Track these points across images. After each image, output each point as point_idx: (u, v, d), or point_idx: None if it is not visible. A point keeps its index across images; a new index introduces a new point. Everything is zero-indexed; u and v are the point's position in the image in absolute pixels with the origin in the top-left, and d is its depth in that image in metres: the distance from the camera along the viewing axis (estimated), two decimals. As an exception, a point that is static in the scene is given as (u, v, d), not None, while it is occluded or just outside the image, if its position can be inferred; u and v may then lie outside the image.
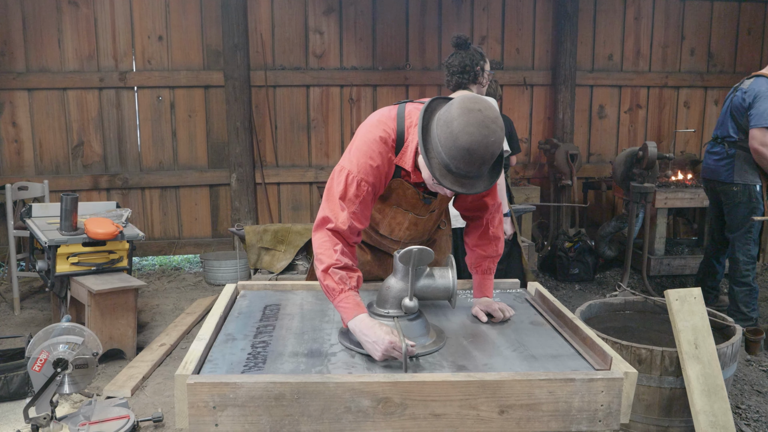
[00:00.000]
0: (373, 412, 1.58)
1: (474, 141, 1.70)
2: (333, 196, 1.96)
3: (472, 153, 1.72)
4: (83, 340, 2.92)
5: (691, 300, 2.92)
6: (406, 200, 2.14)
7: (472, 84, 3.53)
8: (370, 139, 1.98)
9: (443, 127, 1.75)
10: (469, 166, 1.74)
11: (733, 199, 4.17)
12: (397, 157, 2.00)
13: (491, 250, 2.22)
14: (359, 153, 1.97)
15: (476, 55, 3.50)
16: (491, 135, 1.72)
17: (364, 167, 1.95)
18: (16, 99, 5.91)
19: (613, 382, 1.62)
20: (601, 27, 6.70)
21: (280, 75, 6.22)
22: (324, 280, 1.89)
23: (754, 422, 3.19)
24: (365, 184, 1.95)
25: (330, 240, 1.93)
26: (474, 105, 1.74)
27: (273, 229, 4.80)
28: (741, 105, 4.04)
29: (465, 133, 1.71)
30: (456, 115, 1.73)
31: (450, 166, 1.76)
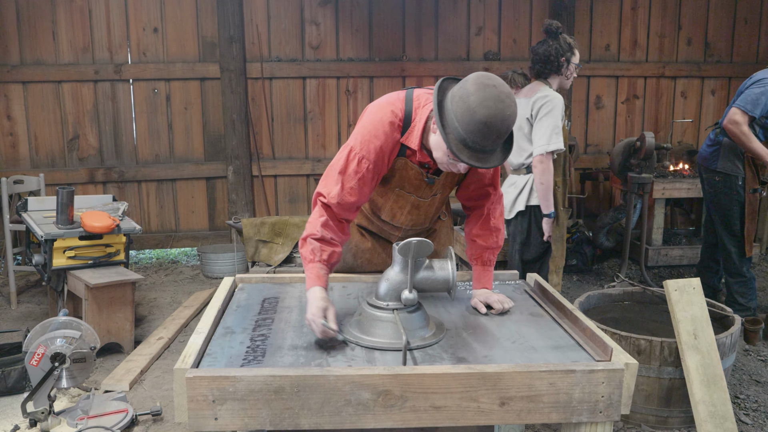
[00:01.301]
0: (373, 405, 1.57)
1: (491, 114, 1.76)
2: (332, 171, 2.05)
3: (490, 126, 1.77)
4: (81, 334, 2.91)
5: (690, 290, 2.92)
6: (408, 181, 2.17)
7: (554, 75, 3.53)
8: (377, 118, 2.04)
9: (459, 102, 1.80)
10: (486, 139, 1.80)
11: (714, 187, 4.14)
12: (403, 136, 2.05)
13: (492, 242, 2.23)
14: (364, 131, 2.04)
15: (564, 46, 3.47)
16: (506, 109, 1.78)
17: (367, 145, 2.01)
18: (10, 92, 5.86)
19: (614, 373, 1.62)
20: (597, 17, 6.67)
21: (276, 67, 6.19)
22: (301, 247, 2.03)
23: (753, 411, 3.20)
24: (366, 161, 2.01)
25: (318, 212, 2.03)
26: (489, 81, 1.80)
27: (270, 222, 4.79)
28: (742, 90, 4.00)
29: (482, 107, 1.76)
30: (472, 90, 1.79)
31: (467, 141, 1.81)
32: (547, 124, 3.38)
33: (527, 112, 3.47)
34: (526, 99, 3.51)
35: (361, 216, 2.45)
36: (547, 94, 3.43)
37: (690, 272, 5.59)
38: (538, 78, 3.56)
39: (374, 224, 2.43)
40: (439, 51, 6.48)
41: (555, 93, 3.46)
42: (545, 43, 3.49)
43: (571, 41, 3.51)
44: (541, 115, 3.40)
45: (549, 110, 3.39)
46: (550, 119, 3.38)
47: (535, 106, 3.44)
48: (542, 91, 3.46)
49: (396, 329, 1.80)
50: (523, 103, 3.50)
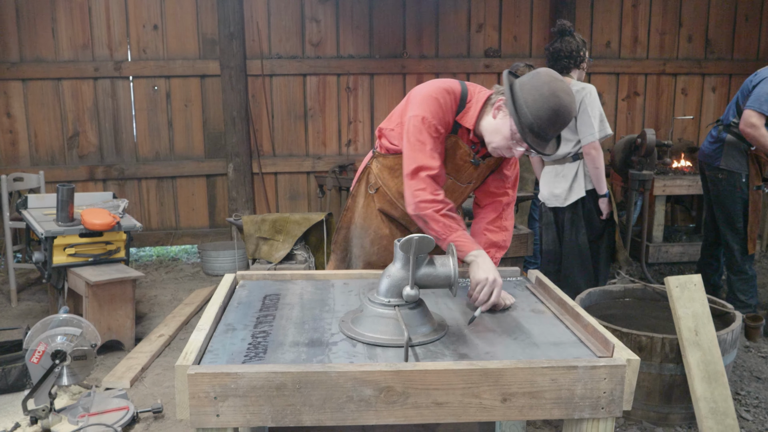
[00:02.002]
0: (375, 401, 1.57)
1: (561, 104, 1.96)
2: (420, 144, 2.12)
3: (559, 115, 1.97)
4: (81, 332, 2.91)
5: (691, 287, 2.92)
6: (453, 162, 2.26)
7: (575, 69, 3.79)
8: (438, 88, 2.17)
9: (532, 90, 1.98)
10: (551, 126, 1.99)
11: (718, 185, 4.13)
12: (458, 115, 2.18)
13: (500, 239, 2.35)
14: (430, 101, 2.14)
15: (580, 42, 3.76)
16: (572, 104, 2.00)
17: (436, 114, 2.13)
18: (10, 89, 5.86)
19: (616, 369, 1.61)
20: (598, 14, 6.67)
21: (276, 64, 6.18)
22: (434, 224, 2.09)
23: (754, 408, 3.20)
24: (441, 127, 2.14)
25: (431, 186, 2.11)
26: (558, 76, 2.01)
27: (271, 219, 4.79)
28: (747, 88, 3.96)
29: (554, 96, 1.95)
30: (546, 80, 1.98)
31: (533, 126, 1.99)
32: (593, 112, 3.65)
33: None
34: None
35: (384, 201, 2.47)
36: (583, 86, 3.70)
37: (690, 269, 5.58)
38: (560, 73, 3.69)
39: (398, 209, 2.46)
40: (439, 48, 6.47)
41: (588, 84, 3.72)
42: (563, 40, 3.73)
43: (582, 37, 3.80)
44: (585, 106, 3.65)
45: (591, 100, 3.67)
46: (594, 108, 3.66)
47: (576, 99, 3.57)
48: (576, 84, 3.72)
49: (398, 325, 1.79)
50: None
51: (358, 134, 6.47)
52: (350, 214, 2.59)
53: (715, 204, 4.20)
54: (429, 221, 2.11)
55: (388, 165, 2.41)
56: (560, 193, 3.86)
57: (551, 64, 3.80)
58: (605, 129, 3.69)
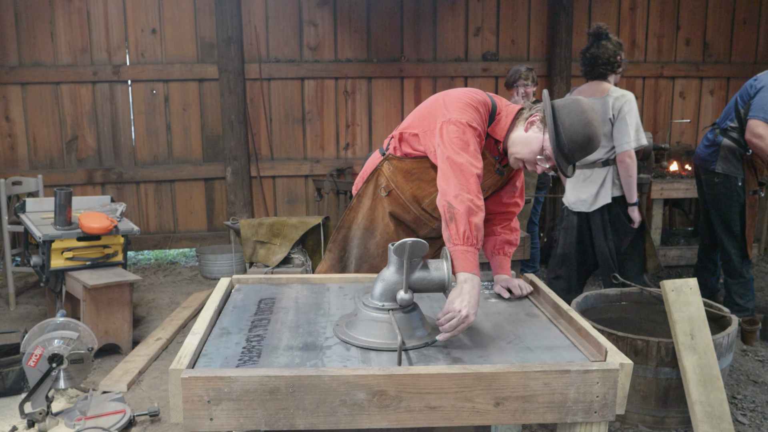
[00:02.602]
0: (368, 405, 1.57)
1: (595, 135, 2.08)
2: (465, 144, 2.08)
3: (591, 142, 2.09)
4: (78, 335, 2.91)
5: (687, 291, 2.93)
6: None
7: (611, 74, 3.78)
8: (476, 99, 2.21)
9: (570, 114, 2.08)
10: (580, 151, 2.10)
11: (714, 189, 4.12)
12: (490, 127, 2.24)
13: (512, 237, 2.45)
14: (471, 108, 2.17)
15: (617, 46, 3.74)
16: (601, 136, 2.12)
17: (477, 120, 2.17)
18: (9, 93, 5.87)
19: (609, 373, 1.62)
20: (596, 17, 6.68)
21: (274, 68, 6.19)
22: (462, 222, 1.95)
23: (750, 412, 3.20)
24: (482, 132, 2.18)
25: (476, 186, 2.03)
26: (594, 107, 2.13)
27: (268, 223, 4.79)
28: (747, 92, 3.95)
29: (591, 125, 2.07)
30: (585, 109, 2.09)
31: (565, 147, 2.08)
32: (631, 121, 3.65)
33: (607, 111, 3.68)
34: (599, 99, 3.72)
35: (396, 204, 2.48)
36: (623, 93, 3.69)
37: (688, 273, 5.59)
38: (598, 78, 3.78)
39: (411, 213, 2.48)
40: (437, 52, 6.48)
41: (627, 91, 3.72)
42: (599, 45, 3.72)
43: (618, 40, 3.76)
44: (624, 113, 3.65)
45: (630, 108, 3.66)
46: (632, 116, 3.65)
47: (615, 105, 3.68)
48: (616, 91, 3.71)
49: (391, 329, 1.80)
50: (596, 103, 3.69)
51: (356, 138, 6.48)
52: (353, 215, 2.58)
53: (712, 208, 4.20)
54: (456, 218, 1.95)
55: (405, 168, 2.40)
56: (586, 198, 3.86)
57: (588, 70, 3.79)
58: (641, 139, 3.68)
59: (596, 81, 3.80)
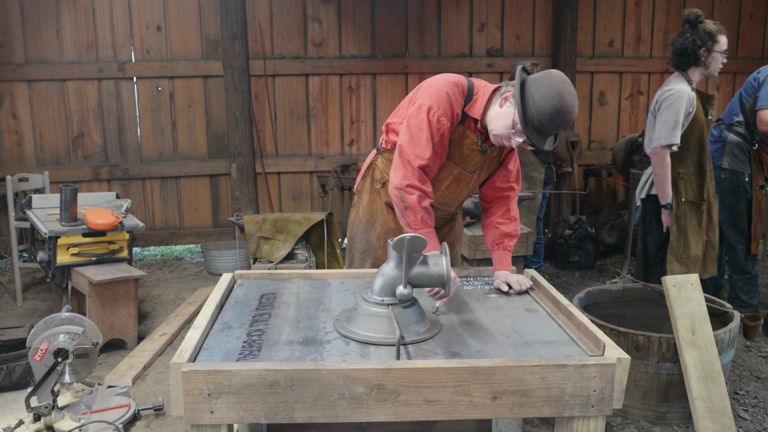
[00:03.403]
0: (366, 399, 1.59)
1: (564, 105, 2.06)
2: (418, 131, 2.22)
3: (560, 114, 2.06)
4: (83, 330, 2.94)
5: (689, 286, 2.93)
6: (461, 152, 2.34)
7: (694, 66, 3.56)
8: (447, 82, 2.26)
9: (540, 87, 2.09)
10: (551, 123, 2.08)
11: (720, 185, 4.08)
12: (466, 107, 2.28)
13: (512, 229, 2.45)
14: (438, 93, 2.23)
15: (704, 36, 3.51)
16: (575, 106, 2.09)
17: (443, 104, 2.22)
18: (15, 90, 5.91)
19: (606, 368, 1.63)
20: (601, 13, 6.66)
21: (279, 64, 6.21)
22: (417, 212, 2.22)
23: (753, 408, 3.20)
24: (445, 118, 2.23)
25: (421, 177, 2.22)
26: (567, 80, 2.11)
27: (272, 219, 4.81)
28: (751, 85, 3.93)
29: (559, 96, 2.05)
30: (555, 81, 2.08)
31: (535, 120, 2.09)
32: (666, 117, 3.48)
33: (653, 104, 3.58)
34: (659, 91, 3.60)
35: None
36: (671, 88, 3.51)
37: (693, 268, 5.57)
38: (678, 69, 3.61)
39: None
40: (441, 48, 6.48)
41: (681, 86, 3.50)
42: (683, 35, 3.56)
43: (712, 29, 3.53)
44: (662, 109, 3.50)
45: (669, 104, 3.47)
46: (670, 113, 3.46)
47: (659, 99, 3.54)
48: (669, 84, 3.56)
49: (391, 324, 1.81)
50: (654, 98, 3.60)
51: (361, 134, 6.49)
52: (356, 211, 2.68)
53: (719, 204, 4.18)
54: (410, 207, 2.22)
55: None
56: (640, 186, 3.81)
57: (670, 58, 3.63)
58: (671, 138, 3.46)
59: (677, 72, 3.61)
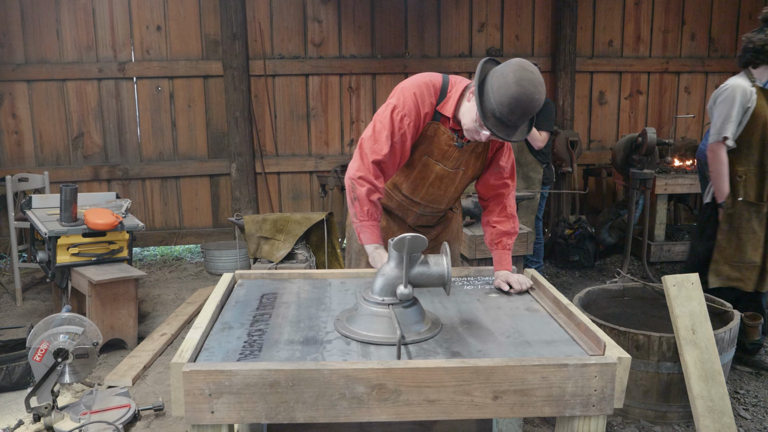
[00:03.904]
0: (367, 399, 1.59)
1: (522, 93, 2.00)
2: (376, 130, 2.27)
3: (518, 102, 2.01)
4: (83, 330, 2.94)
5: (689, 285, 2.93)
6: (438, 147, 2.36)
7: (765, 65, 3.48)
8: (417, 82, 2.29)
9: (498, 77, 2.05)
10: (512, 113, 2.03)
11: None
12: (439, 105, 2.30)
13: (509, 227, 2.45)
14: (406, 92, 2.27)
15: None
16: (536, 93, 2.02)
17: (408, 104, 2.25)
18: (15, 90, 5.91)
19: (607, 368, 1.63)
20: (601, 13, 6.66)
21: (278, 64, 6.21)
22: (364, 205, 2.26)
23: (753, 407, 3.20)
24: (408, 118, 2.25)
25: (374, 171, 2.26)
26: (528, 67, 2.05)
27: (272, 219, 4.81)
28: None
29: (517, 84, 2.00)
30: (513, 69, 2.03)
31: (495, 111, 2.05)
32: (719, 112, 3.45)
33: (711, 102, 3.53)
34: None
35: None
36: (726, 84, 3.49)
37: (693, 268, 5.57)
38: (746, 67, 3.54)
39: (393, 200, 2.59)
40: (441, 48, 6.48)
41: (738, 81, 3.47)
42: (762, 31, 3.47)
43: None
44: (716, 104, 3.47)
45: (723, 99, 3.44)
46: (723, 107, 3.43)
47: (714, 97, 3.51)
48: (728, 82, 3.51)
49: (391, 324, 1.81)
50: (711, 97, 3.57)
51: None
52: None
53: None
54: (359, 198, 2.27)
55: None
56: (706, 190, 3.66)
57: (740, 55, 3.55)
58: (722, 131, 3.42)
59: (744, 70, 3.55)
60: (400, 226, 2.65)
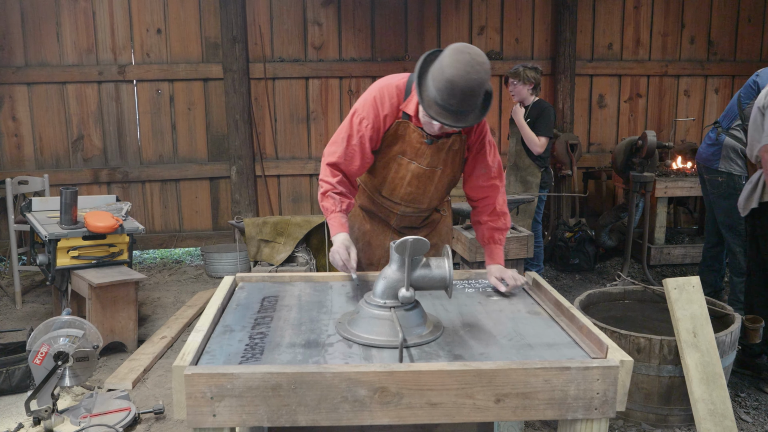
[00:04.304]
0: (369, 402, 1.58)
1: (457, 75, 1.95)
2: (338, 134, 2.35)
3: (455, 85, 1.96)
4: (84, 333, 2.93)
5: (690, 289, 2.93)
6: (410, 145, 2.37)
7: None
8: (379, 86, 2.34)
9: (435, 64, 2.04)
10: (452, 98, 1.99)
11: (718, 189, 4.08)
12: (404, 104, 2.33)
13: (501, 224, 2.48)
14: (367, 96, 2.33)
15: None
16: (473, 73, 1.96)
17: (367, 107, 2.30)
18: (15, 93, 5.91)
19: (609, 370, 1.63)
20: (600, 16, 6.67)
21: (279, 67, 6.21)
22: (322, 201, 2.34)
23: (754, 410, 3.20)
24: (366, 120, 2.29)
25: (330, 172, 2.34)
26: (464, 48, 2.00)
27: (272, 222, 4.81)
28: (750, 88, 3.88)
29: (451, 67, 1.96)
30: (447, 54, 2.00)
31: (437, 99, 2.02)
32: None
33: (761, 101, 3.33)
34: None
35: (363, 196, 2.64)
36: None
37: (692, 271, 5.58)
38: None
39: (375, 203, 2.61)
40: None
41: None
42: None
43: None
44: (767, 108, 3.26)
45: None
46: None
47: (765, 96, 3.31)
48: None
49: (393, 327, 1.81)
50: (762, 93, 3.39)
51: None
52: None
53: (716, 207, 4.19)
54: (322, 196, 2.35)
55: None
56: (741, 200, 3.40)
57: None
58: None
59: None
60: (384, 228, 2.66)
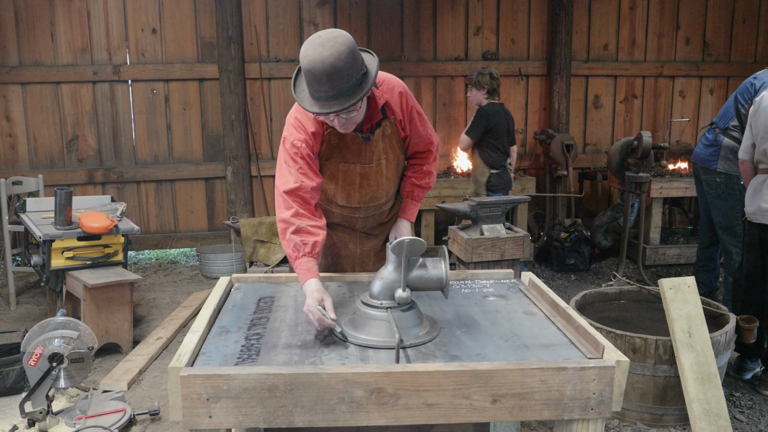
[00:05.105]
0: (366, 403, 1.58)
1: (310, 60, 1.93)
2: (280, 164, 2.26)
3: (313, 70, 1.94)
4: (78, 334, 2.92)
5: (685, 289, 2.93)
6: (348, 150, 2.33)
7: None
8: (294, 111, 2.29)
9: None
10: (318, 83, 1.96)
11: (716, 189, 4.09)
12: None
13: (424, 182, 2.55)
14: (288, 122, 2.28)
15: None
16: (325, 51, 1.93)
17: (292, 130, 2.24)
18: (9, 93, 5.88)
19: (605, 371, 1.63)
20: (596, 17, 6.69)
21: (274, 67, 6.20)
22: (284, 248, 2.17)
23: (748, 410, 3.21)
24: (298, 140, 2.22)
25: (284, 205, 2.19)
26: (316, 34, 2.00)
27: (268, 222, 4.80)
28: (747, 91, 3.89)
29: (304, 56, 1.95)
30: (302, 47, 1.98)
31: (311, 92, 2.01)
32: None
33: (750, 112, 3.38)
34: None
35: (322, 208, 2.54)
36: None
37: (687, 271, 5.59)
38: None
39: (335, 214, 2.54)
40: (437, 51, 6.49)
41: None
42: None
43: None
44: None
45: None
46: None
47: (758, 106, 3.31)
48: None
49: (389, 328, 1.81)
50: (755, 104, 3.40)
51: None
52: None
53: (713, 208, 4.19)
54: (281, 239, 2.19)
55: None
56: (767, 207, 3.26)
57: None
58: None
59: None
60: (351, 235, 2.60)
